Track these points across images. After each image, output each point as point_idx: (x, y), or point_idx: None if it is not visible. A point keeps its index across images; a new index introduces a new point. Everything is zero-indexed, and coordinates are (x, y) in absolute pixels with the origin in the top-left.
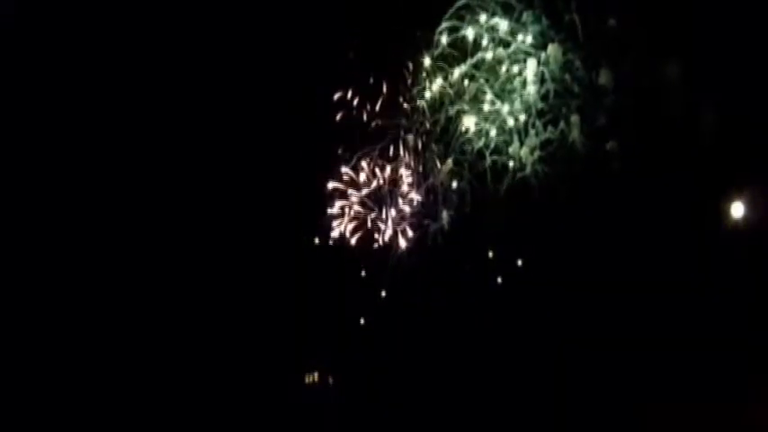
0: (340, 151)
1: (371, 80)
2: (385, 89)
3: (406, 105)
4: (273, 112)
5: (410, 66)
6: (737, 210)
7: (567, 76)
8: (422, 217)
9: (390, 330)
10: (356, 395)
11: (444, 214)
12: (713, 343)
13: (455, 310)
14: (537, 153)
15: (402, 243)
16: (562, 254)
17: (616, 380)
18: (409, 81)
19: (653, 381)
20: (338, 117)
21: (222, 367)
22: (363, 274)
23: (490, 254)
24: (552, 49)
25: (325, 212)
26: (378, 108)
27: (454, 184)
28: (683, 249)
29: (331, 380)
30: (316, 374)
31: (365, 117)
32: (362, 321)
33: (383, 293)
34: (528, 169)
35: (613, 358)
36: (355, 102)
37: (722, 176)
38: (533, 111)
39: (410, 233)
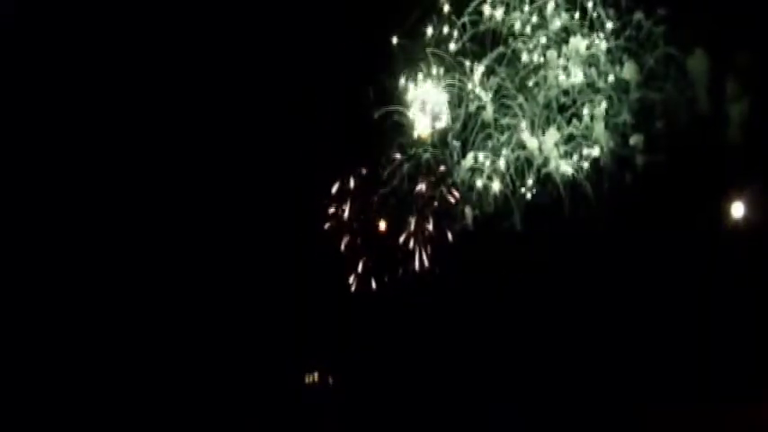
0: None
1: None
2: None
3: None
4: (283, 112)
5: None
6: (737, 210)
7: (593, 70)
8: (442, 216)
9: (390, 331)
10: (356, 395)
11: (468, 212)
12: (714, 343)
13: (460, 310)
14: (562, 148)
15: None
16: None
17: (616, 380)
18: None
19: (653, 381)
20: (351, 113)
21: (223, 367)
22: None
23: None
24: (575, 41)
25: (332, 211)
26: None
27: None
28: (686, 249)
29: (331, 380)
30: (316, 374)
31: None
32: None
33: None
34: (552, 164)
35: (614, 359)
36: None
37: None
38: (555, 105)
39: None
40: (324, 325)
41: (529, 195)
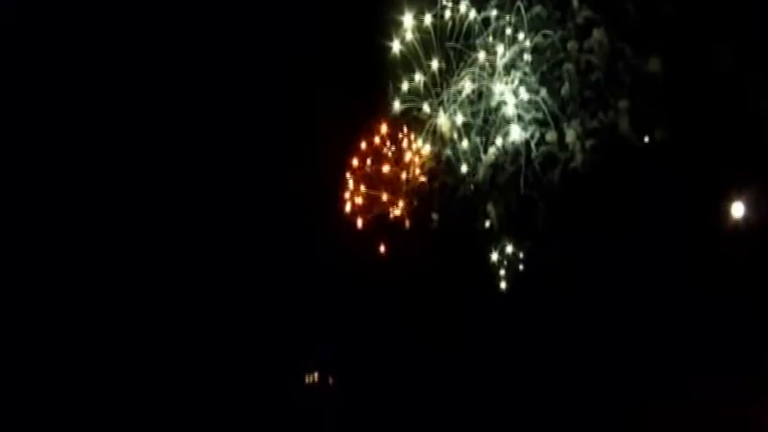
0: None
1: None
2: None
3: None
4: (291, 110)
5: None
6: (737, 210)
7: (620, 64)
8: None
9: (391, 330)
10: (356, 395)
11: (491, 211)
12: (713, 343)
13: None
14: (589, 143)
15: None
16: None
17: (616, 380)
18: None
19: (653, 381)
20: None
21: (223, 367)
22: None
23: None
24: (597, 34)
25: (336, 209)
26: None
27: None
28: (687, 248)
29: (331, 380)
30: (316, 374)
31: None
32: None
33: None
34: (578, 159)
35: (613, 358)
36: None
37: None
38: (577, 99)
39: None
40: (325, 324)
41: None
